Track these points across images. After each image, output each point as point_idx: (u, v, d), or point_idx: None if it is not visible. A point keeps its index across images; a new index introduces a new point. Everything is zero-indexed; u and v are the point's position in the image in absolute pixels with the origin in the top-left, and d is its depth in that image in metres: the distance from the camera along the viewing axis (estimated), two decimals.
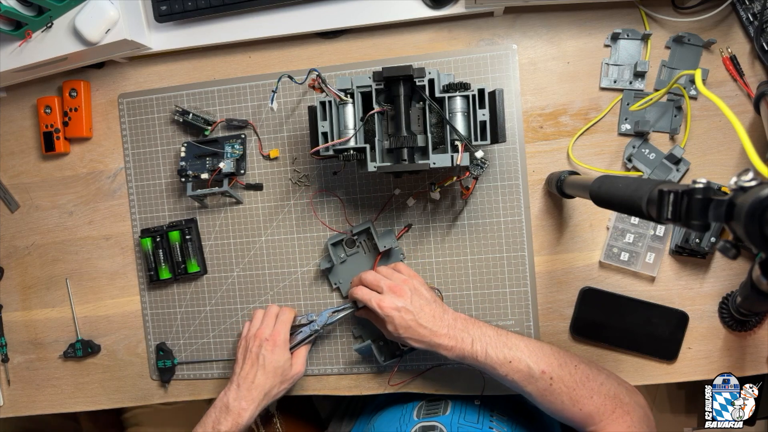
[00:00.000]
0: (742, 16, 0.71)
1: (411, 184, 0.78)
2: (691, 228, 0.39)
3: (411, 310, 0.66)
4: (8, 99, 0.90)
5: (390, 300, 0.66)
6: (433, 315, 0.66)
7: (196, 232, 0.83)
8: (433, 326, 0.65)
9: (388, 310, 0.66)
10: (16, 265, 0.90)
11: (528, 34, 0.76)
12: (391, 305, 0.66)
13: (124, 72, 0.86)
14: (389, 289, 0.68)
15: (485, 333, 0.65)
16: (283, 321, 0.73)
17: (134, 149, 0.85)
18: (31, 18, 0.74)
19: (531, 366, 0.63)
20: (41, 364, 0.89)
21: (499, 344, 0.64)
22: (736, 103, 0.72)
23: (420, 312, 0.66)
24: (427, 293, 0.69)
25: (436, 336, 0.65)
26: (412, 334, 0.65)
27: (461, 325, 0.66)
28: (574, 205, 0.75)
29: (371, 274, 0.71)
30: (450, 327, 0.66)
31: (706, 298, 0.73)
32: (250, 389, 0.69)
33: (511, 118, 0.75)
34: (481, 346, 0.64)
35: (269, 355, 0.70)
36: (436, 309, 0.67)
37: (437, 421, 0.71)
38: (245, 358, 0.72)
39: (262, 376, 0.69)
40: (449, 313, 0.67)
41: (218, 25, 0.80)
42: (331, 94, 0.67)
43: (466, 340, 0.65)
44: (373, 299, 0.67)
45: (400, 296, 0.67)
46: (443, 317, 0.66)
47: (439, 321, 0.66)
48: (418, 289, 0.68)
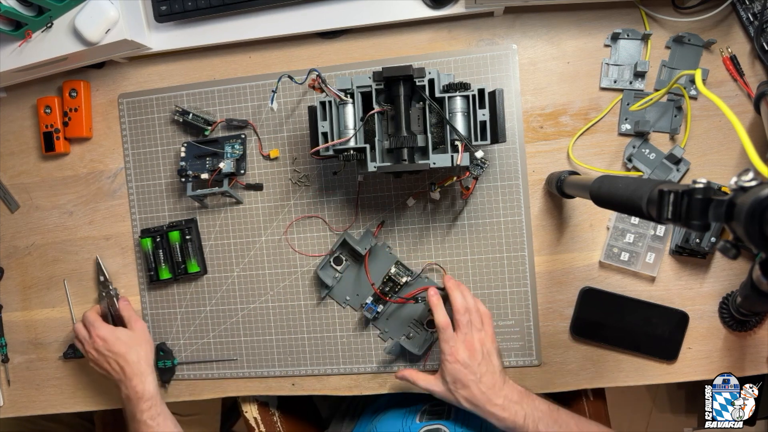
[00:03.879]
0: (742, 16, 0.71)
1: (411, 184, 0.78)
2: (691, 228, 0.39)
3: (475, 371, 0.66)
4: (8, 99, 0.90)
5: (461, 353, 0.66)
6: (493, 384, 0.66)
7: (196, 232, 0.83)
8: (490, 394, 0.65)
9: (454, 361, 0.66)
10: (16, 265, 0.90)
11: (528, 34, 0.76)
12: (459, 358, 0.66)
13: (124, 72, 0.86)
14: (464, 342, 0.67)
15: (538, 408, 0.65)
16: (91, 321, 0.79)
17: (134, 149, 0.85)
18: (31, 18, 0.74)
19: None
20: (41, 364, 0.89)
21: (550, 421, 0.65)
22: (736, 103, 0.72)
23: (483, 377, 0.66)
24: (496, 361, 0.68)
25: (490, 404, 0.65)
26: (467, 393, 0.65)
27: (516, 397, 0.66)
28: (574, 205, 0.75)
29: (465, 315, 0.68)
30: (505, 398, 0.65)
31: (706, 298, 0.73)
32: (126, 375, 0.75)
33: (511, 118, 0.75)
34: (533, 422, 0.64)
35: (110, 346, 0.76)
36: (498, 379, 0.66)
37: (441, 424, 0.71)
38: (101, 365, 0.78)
39: (125, 364, 0.75)
40: (508, 385, 0.67)
41: (218, 25, 0.80)
42: (331, 94, 0.67)
43: (519, 413, 0.64)
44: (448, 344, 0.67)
45: (471, 356, 0.66)
46: (502, 387, 0.66)
47: (498, 390, 0.65)
48: (490, 355, 0.67)
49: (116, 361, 0.76)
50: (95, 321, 0.79)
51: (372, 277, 0.77)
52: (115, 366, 0.76)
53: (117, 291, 0.85)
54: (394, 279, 0.76)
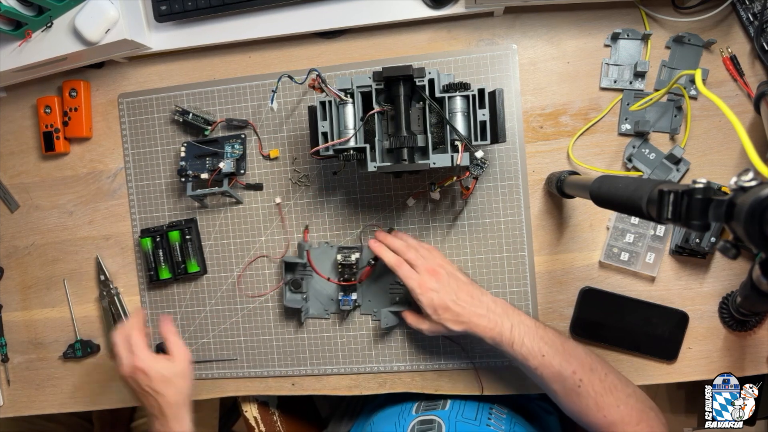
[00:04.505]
0: (742, 16, 0.71)
1: (411, 184, 0.78)
2: (691, 228, 0.39)
3: (448, 290, 0.65)
4: (8, 99, 0.90)
5: (427, 281, 0.66)
6: (471, 295, 0.66)
7: (196, 232, 0.83)
8: (471, 306, 0.65)
9: (426, 290, 0.65)
10: (16, 265, 0.90)
11: (528, 34, 0.76)
12: (429, 286, 0.65)
13: (124, 72, 0.86)
14: (426, 270, 0.67)
15: (523, 321, 0.65)
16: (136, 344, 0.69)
17: (134, 149, 0.85)
18: (31, 18, 0.74)
19: (563, 364, 0.63)
20: (41, 364, 0.89)
21: (536, 336, 0.64)
22: (736, 103, 0.72)
23: (458, 292, 0.65)
24: (462, 275, 0.69)
25: (475, 315, 0.64)
26: (451, 315, 0.65)
27: (500, 309, 0.65)
28: (574, 205, 0.75)
29: (411, 250, 0.69)
30: (489, 309, 0.65)
31: (706, 298, 0.73)
32: (164, 413, 0.68)
33: (511, 118, 0.75)
34: (519, 334, 0.63)
35: (150, 381, 0.68)
36: (474, 290, 0.66)
37: (435, 416, 0.72)
38: (137, 395, 0.70)
39: (162, 399, 0.68)
40: (487, 295, 0.67)
41: (218, 25, 0.80)
42: (331, 94, 0.67)
43: (506, 324, 0.64)
44: (413, 279, 0.67)
45: (437, 279, 0.66)
46: (481, 298, 0.66)
47: (477, 301, 0.65)
48: (454, 273, 0.68)
49: (155, 399, 0.68)
50: (138, 347, 0.69)
51: (327, 275, 0.78)
52: (153, 402, 0.68)
53: (118, 290, 0.85)
54: (344, 263, 0.76)
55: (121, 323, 0.75)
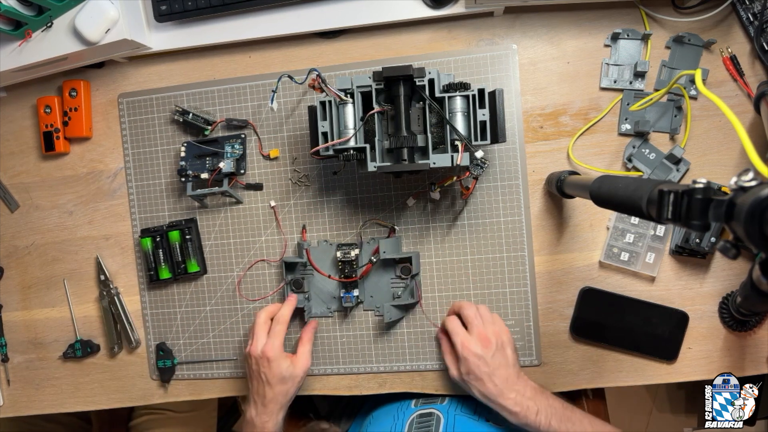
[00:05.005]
0: (742, 16, 0.71)
1: (411, 184, 0.78)
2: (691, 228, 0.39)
3: (489, 363, 0.66)
4: (8, 99, 0.90)
5: (474, 345, 0.67)
6: (507, 378, 0.67)
7: (196, 232, 0.83)
8: (503, 387, 0.66)
9: (468, 353, 0.67)
10: (16, 265, 0.90)
11: (528, 34, 0.76)
12: (473, 350, 0.67)
13: (124, 72, 0.86)
14: (478, 335, 0.68)
15: (551, 405, 0.66)
16: (276, 333, 0.72)
17: (134, 149, 0.85)
18: (31, 18, 0.74)
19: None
20: (41, 363, 0.89)
21: (563, 417, 0.65)
22: (736, 103, 0.72)
23: (496, 370, 0.67)
24: (511, 355, 0.69)
25: (503, 397, 0.65)
26: (480, 385, 0.66)
27: (530, 393, 0.66)
28: (574, 205, 0.75)
29: (470, 308, 0.72)
30: (518, 393, 0.66)
31: (706, 298, 0.73)
32: (265, 404, 0.71)
33: (511, 118, 0.75)
34: (545, 417, 0.64)
35: (268, 371, 0.70)
36: (512, 373, 0.67)
37: (434, 409, 0.72)
38: (251, 376, 0.73)
39: (270, 391, 0.70)
40: (522, 380, 0.68)
41: (218, 25, 0.80)
42: (331, 94, 0.67)
43: (532, 408, 0.65)
44: (459, 336, 0.69)
45: (484, 346, 0.67)
46: (516, 382, 0.67)
47: (511, 384, 0.66)
48: (504, 347, 0.69)
49: (264, 388, 0.71)
50: (277, 336, 0.72)
51: (328, 273, 0.78)
52: (261, 390, 0.71)
53: (118, 290, 0.85)
54: (344, 260, 0.76)
55: (272, 305, 0.77)
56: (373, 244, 0.78)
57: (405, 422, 0.72)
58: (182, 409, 1.04)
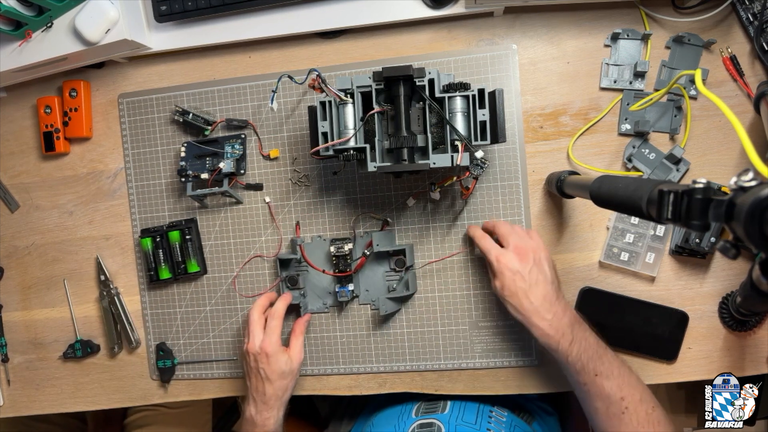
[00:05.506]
0: (742, 16, 0.71)
1: (411, 184, 0.78)
2: (691, 228, 0.39)
3: (526, 278, 0.63)
4: (8, 99, 0.90)
5: (510, 259, 0.64)
6: (544, 295, 0.63)
7: (196, 232, 0.83)
8: (540, 306, 0.62)
9: (503, 267, 0.64)
10: (16, 265, 0.90)
11: (528, 34, 0.76)
12: (508, 264, 0.63)
13: (124, 72, 0.86)
14: (515, 248, 0.65)
15: (587, 338, 0.63)
16: (272, 329, 0.72)
17: (134, 149, 0.85)
18: (31, 18, 0.74)
19: (614, 388, 0.61)
20: (41, 364, 0.89)
21: (594, 355, 0.62)
22: (736, 103, 0.72)
23: (534, 285, 0.63)
24: (549, 271, 0.65)
25: (538, 317, 0.62)
26: (515, 301, 0.63)
27: (568, 320, 0.63)
28: (574, 205, 0.75)
29: (505, 226, 0.68)
30: (556, 316, 0.62)
31: (706, 298, 0.73)
32: (265, 401, 0.70)
33: (511, 118, 0.75)
34: (577, 350, 0.62)
35: (267, 367, 0.70)
36: (550, 291, 0.63)
37: (435, 419, 0.72)
38: (249, 374, 0.73)
39: (269, 387, 0.70)
40: (561, 302, 0.64)
41: (218, 25, 0.80)
42: (331, 94, 0.67)
43: (567, 336, 0.62)
44: (493, 251, 0.65)
45: (521, 260, 0.64)
46: (554, 303, 0.63)
47: (548, 304, 0.63)
48: (541, 262, 0.65)
49: (264, 384, 0.70)
50: (273, 332, 0.71)
51: (322, 268, 0.78)
52: (260, 386, 0.71)
53: (118, 290, 0.85)
54: (338, 254, 0.76)
55: (261, 298, 0.76)
56: (366, 237, 0.78)
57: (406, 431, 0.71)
58: (177, 406, 1.04)
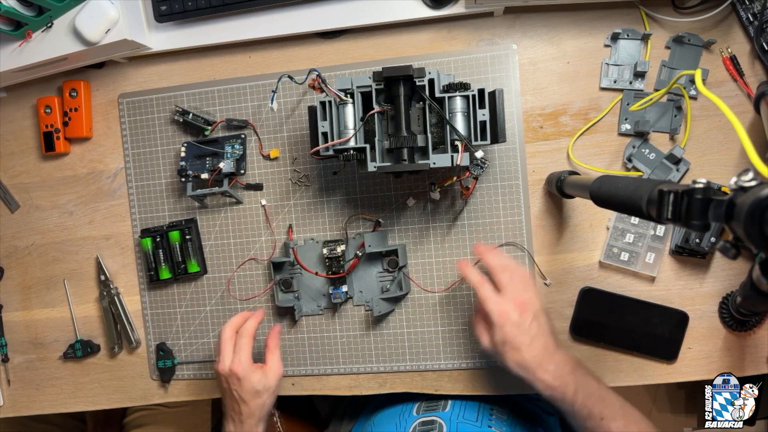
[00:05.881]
0: (742, 16, 0.71)
1: (411, 184, 0.78)
2: (691, 228, 0.39)
3: (527, 332, 0.61)
4: (8, 99, 0.90)
5: (510, 311, 0.61)
6: (545, 347, 0.62)
7: (196, 232, 0.83)
8: (541, 359, 0.61)
9: (504, 321, 0.61)
10: (16, 265, 0.90)
11: (528, 34, 0.76)
12: (510, 317, 0.61)
13: (124, 72, 0.86)
14: (514, 301, 0.62)
15: (589, 383, 0.62)
16: (241, 347, 0.70)
17: (134, 149, 0.85)
18: (31, 18, 0.74)
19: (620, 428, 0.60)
20: (41, 364, 0.89)
21: (598, 399, 0.61)
22: (736, 103, 0.72)
23: (535, 339, 0.61)
24: (547, 323, 0.64)
25: (542, 370, 0.61)
26: (516, 356, 0.61)
27: (570, 368, 0.62)
28: (574, 205, 0.75)
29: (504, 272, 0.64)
30: (558, 366, 0.61)
31: (706, 298, 0.73)
32: (243, 421, 0.69)
33: (511, 118, 0.75)
34: (582, 396, 0.61)
35: (239, 388, 0.69)
36: (550, 343, 0.62)
37: (437, 416, 0.72)
38: (223, 394, 0.71)
39: (245, 407, 0.69)
40: (561, 351, 0.63)
41: (218, 25, 0.80)
42: (331, 94, 0.67)
43: (570, 385, 0.61)
44: (495, 303, 0.62)
45: (522, 313, 0.61)
46: (554, 354, 0.62)
47: (549, 356, 0.61)
48: (540, 314, 0.63)
49: (239, 405, 0.69)
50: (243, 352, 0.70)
51: (315, 270, 0.78)
52: (235, 407, 0.70)
53: (118, 290, 0.85)
54: (331, 256, 0.76)
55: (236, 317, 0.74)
56: (358, 239, 0.78)
57: (407, 430, 0.71)
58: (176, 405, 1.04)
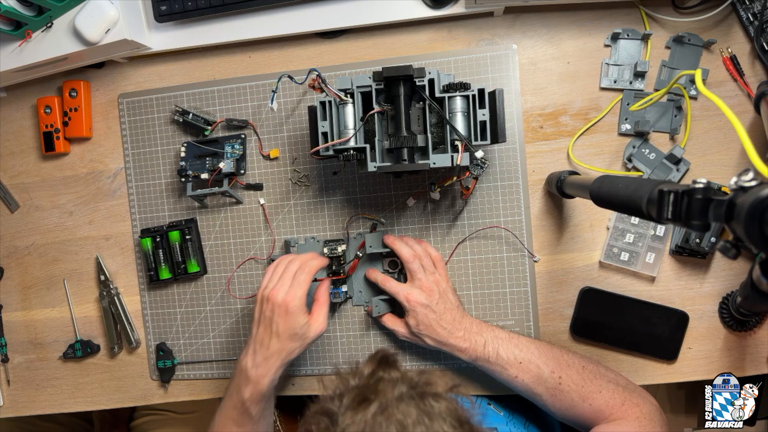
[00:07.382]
0: (742, 16, 0.71)
1: (411, 184, 0.78)
2: (691, 228, 0.39)
3: (435, 310, 0.70)
4: (8, 99, 0.90)
5: (418, 295, 0.70)
6: (453, 318, 0.70)
7: (196, 232, 0.83)
8: (451, 328, 0.69)
9: (414, 305, 0.70)
10: (16, 265, 0.90)
11: (528, 34, 0.76)
12: (418, 301, 0.70)
13: (124, 72, 0.86)
14: (420, 286, 0.71)
15: (497, 336, 0.69)
16: (300, 282, 0.65)
17: (134, 149, 0.85)
18: (31, 18, 0.74)
19: (541, 366, 0.66)
20: (41, 364, 0.89)
21: (510, 346, 0.68)
22: (736, 103, 0.72)
23: (443, 314, 0.70)
24: (453, 298, 0.72)
25: (453, 337, 0.69)
26: (431, 332, 0.69)
27: (476, 328, 0.70)
28: (574, 205, 0.75)
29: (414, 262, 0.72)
30: (466, 330, 0.69)
31: (706, 298, 0.73)
32: (266, 357, 0.64)
33: (511, 118, 0.75)
34: (493, 348, 0.68)
35: (282, 322, 0.63)
36: (457, 314, 0.71)
37: None
38: (259, 321, 0.66)
39: (276, 343, 0.64)
40: (467, 318, 0.71)
41: (218, 25, 0.80)
42: (331, 94, 0.67)
43: (479, 342, 0.68)
44: (401, 292, 0.71)
45: (429, 295, 0.70)
46: (461, 321, 0.70)
47: (457, 324, 0.70)
48: (446, 292, 0.72)
49: (271, 337, 0.64)
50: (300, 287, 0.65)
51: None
52: (265, 339, 0.64)
53: (118, 290, 0.85)
54: (331, 256, 0.76)
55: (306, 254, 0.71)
56: (359, 239, 0.78)
57: None
58: (184, 411, 1.04)
